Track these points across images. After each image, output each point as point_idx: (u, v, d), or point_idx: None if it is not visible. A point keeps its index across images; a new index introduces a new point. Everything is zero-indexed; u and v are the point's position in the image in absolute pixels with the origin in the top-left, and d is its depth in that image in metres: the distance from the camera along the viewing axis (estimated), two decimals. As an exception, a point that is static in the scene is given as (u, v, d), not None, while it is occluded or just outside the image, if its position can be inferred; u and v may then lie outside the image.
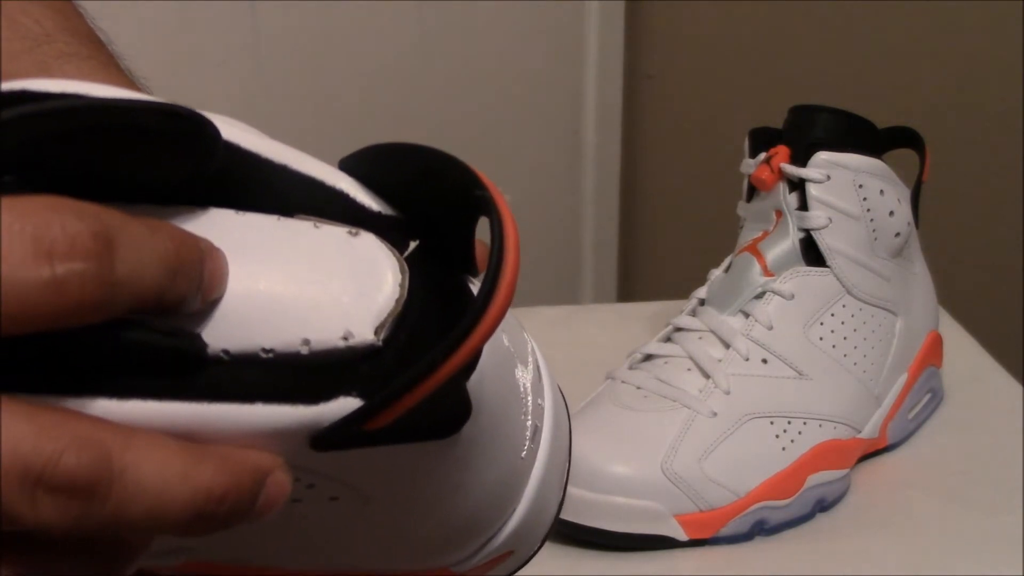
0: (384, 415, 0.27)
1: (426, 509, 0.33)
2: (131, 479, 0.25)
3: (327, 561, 0.34)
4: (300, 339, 0.28)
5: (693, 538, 0.62)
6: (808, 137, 0.69)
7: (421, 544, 0.34)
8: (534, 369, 0.37)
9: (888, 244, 0.70)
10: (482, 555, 0.36)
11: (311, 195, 0.31)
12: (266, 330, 0.28)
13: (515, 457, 0.35)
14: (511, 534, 0.36)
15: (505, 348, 0.34)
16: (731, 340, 0.66)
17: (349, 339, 0.28)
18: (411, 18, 1.34)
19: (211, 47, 1.28)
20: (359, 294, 0.29)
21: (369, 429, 0.28)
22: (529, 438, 0.35)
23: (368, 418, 0.27)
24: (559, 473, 0.39)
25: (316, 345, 0.28)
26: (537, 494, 0.37)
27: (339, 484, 0.30)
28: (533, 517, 0.37)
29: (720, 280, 0.69)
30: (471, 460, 0.33)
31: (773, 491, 0.64)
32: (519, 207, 1.18)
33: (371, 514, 0.32)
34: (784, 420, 0.65)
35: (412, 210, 0.32)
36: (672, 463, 0.62)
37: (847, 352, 0.68)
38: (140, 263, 0.25)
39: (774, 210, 0.69)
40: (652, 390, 0.65)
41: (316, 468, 0.29)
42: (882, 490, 0.68)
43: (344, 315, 0.28)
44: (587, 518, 0.62)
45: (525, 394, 0.35)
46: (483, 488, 0.34)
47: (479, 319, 0.28)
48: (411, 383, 0.27)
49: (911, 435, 0.73)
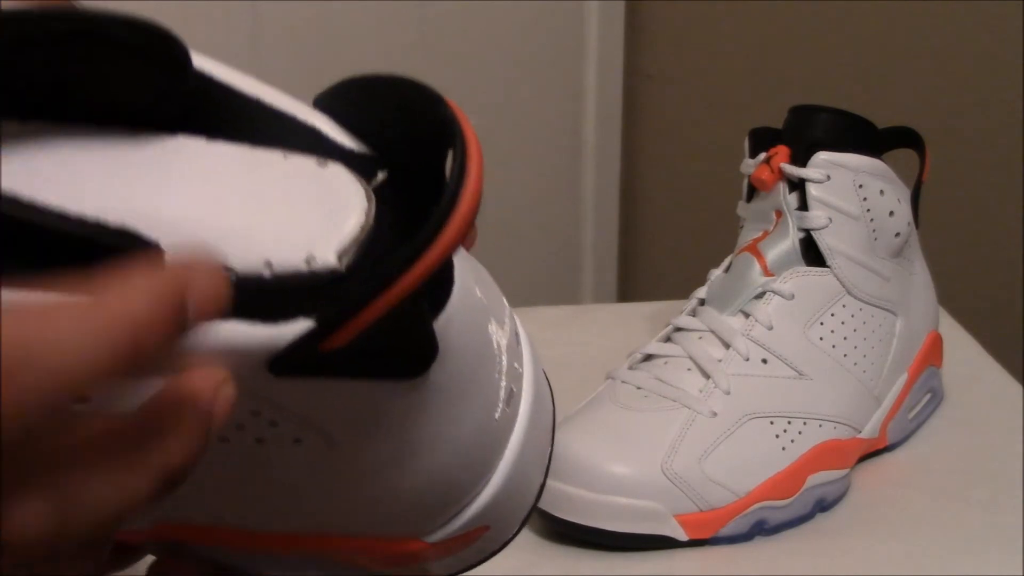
0: (340, 333, 0.27)
1: (393, 460, 0.32)
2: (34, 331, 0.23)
3: (296, 522, 0.33)
4: (263, 261, 0.27)
5: (693, 538, 0.62)
6: (808, 137, 0.69)
7: (390, 503, 0.33)
8: (512, 333, 0.36)
9: (888, 244, 0.70)
10: (455, 526, 0.35)
11: (282, 129, 0.31)
12: (229, 252, 0.27)
13: (488, 416, 0.34)
14: (486, 506, 0.35)
15: (478, 299, 0.33)
16: (731, 340, 0.66)
17: (311, 263, 0.28)
18: (411, 18, 1.34)
19: (211, 47, 1.28)
20: (325, 220, 0.29)
21: (326, 350, 0.27)
22: (504, 400, 0.35)
23: (324, 336, 0.27)
24: (539, 452, 0.38)
25: (278, 268, 0.28)
26: (514, 468, 0.36)
27: (301, 423, 0.30)
28: (510, 492, 0.36)
29: (720, 280, 0.69)
30: (440, 410, 0.32)
31: (773, 491, 0.64)
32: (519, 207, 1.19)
33: (336, 462, 0.31)
34: (784, 420, 0.65)
35: (385, 146, 0.32)
36: (672, 463, 0.62)
37: (847, 352, 0.68)
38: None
39: (774, 210, 0.69)
40: (652, 390, 0.65)
41: (278, 399, 0.29)
42: (882, 490, 0.68)
43: (308, 239, 0.28)
44: (587, 518, 0.62)
45: (499, 352, 0.34)
46: (454, 445, 0.33)
47: (439, 231, 0.27)
48: (367, 298, 0.27)
49: (911, 435, 0.73)
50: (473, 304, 0.33)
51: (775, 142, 0.70)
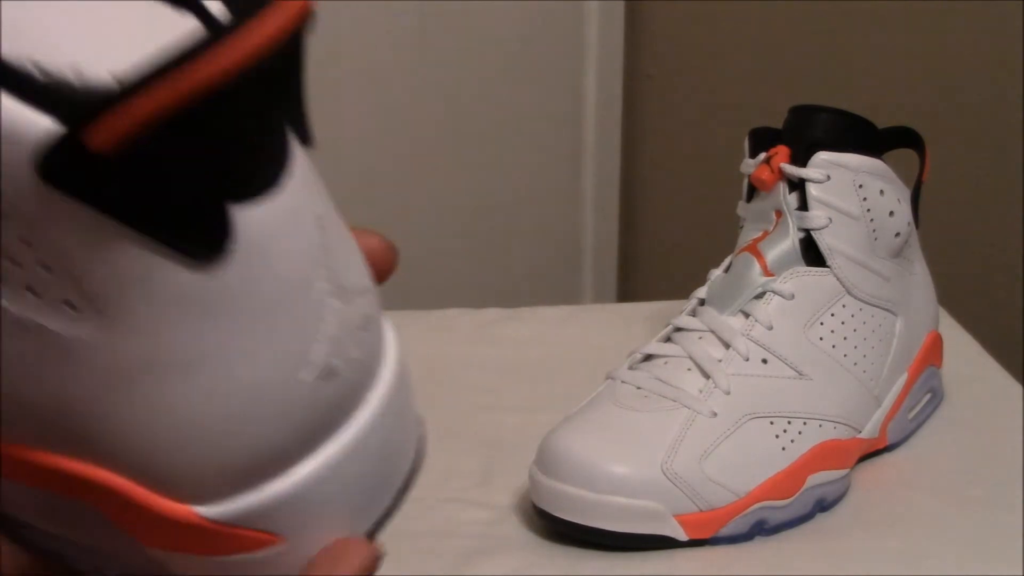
0: (100, 129, 0.25)
1: (168, 366, 0.29)
2: None
3: (51, 431, 0.30)
4: (30, 59, 0.26)
5: (693, 538, 0.62)
6: (808, 137, 0.69)
7: (156, 425, 0.29)
8: (360, 316, 0.32)
9: (888, 244, 0.70)
10: (236, 507, 0.31)
11: None
12: (5, 37, 0.26)
13: (288, 371, 0.30)
14: (279, 504, 0.31)
15: (312, 233, 0.30)
16: (731, 340, 0.66)
17: (81, 74, 0.26)
18: (411, 18, 1.34)
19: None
20: (133, 40, 0.27)
21: (91, 150, 0.25)
22: (318, 370, 0.30)
23: (83, 127, 0.25)
24: (376, 487, 0.33)
25: (46, 68, 0.26)
26: (330, 481, 0.31)
27: (73, 279, 0.27)
28: (319, 510, 0.31)
29: (720, 280, 0.69)
30: (226, 323, 0.29)
31: (773, 491, 0.64)
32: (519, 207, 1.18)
33: (110, 349, 0.28)
34: (784, 420, 0.65)
35: None
36: (672, 463, 0.62)
37: (847, 352, 0.68)
38: None
39: (774, 210, 0.69)
40: (652, 390, 0.65)
41: (48, 227, 0.27)
42: (882, 490, 0.69)
43: (98, 53, 0.26)
44: (587, 518, 0.62)
45: (320, 309, 0.30)
46: (237, 383, 0.29)
47: (239, 28, 0.25)
48: (136, 87, 0.25)
49: (911, 435, 0.74)
50: (304, 231, 0.29)
51: (775, 142, 0.70)
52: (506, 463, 0.70)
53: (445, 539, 0.64)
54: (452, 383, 0.80)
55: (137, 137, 0.25)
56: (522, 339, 0.88)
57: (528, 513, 0.65)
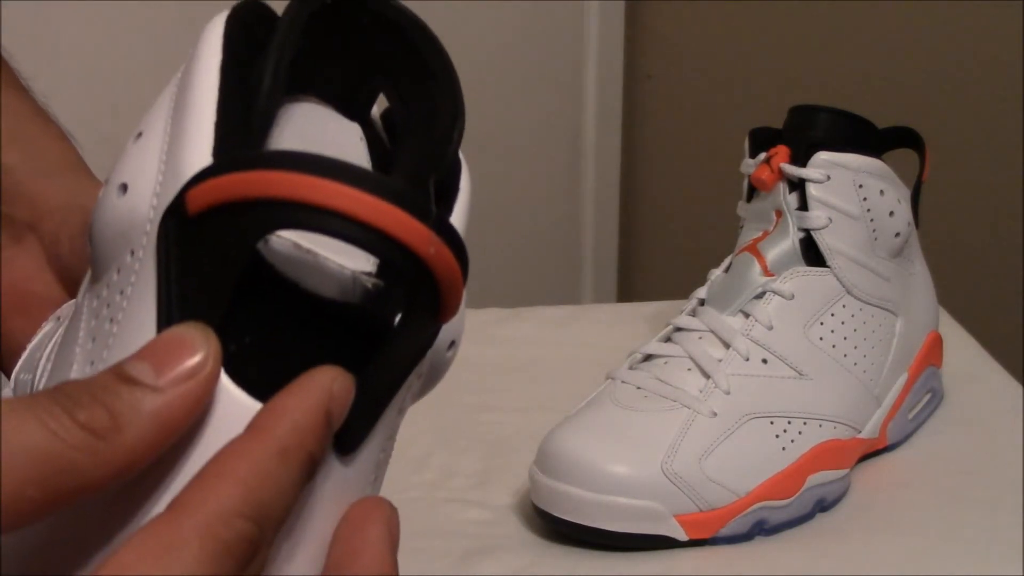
0: (203, 187, 0.28)
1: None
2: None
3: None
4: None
5: (693, 538, 0.62)
6: (808, 137, 0.69)
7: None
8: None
9: (888, 244, 0.70)
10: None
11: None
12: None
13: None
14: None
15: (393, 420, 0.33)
16: (731, 340, 0.66)
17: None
18: (411, 18, 1.34)
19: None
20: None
21: (190, 212, 0.28)
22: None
23: (196, 183, 0.28)
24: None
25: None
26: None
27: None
28: None
29: (720, 280, 0.69)
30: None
31: (773, 491, 0.64)
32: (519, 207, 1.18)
33: None
34: (784, 420, 0.65)
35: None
36: (672, 463, 0.62)
37: (847, 352, 0.68)
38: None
39: (774, 210, 0.69)
40: (652, 390, 0.65)
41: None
42: (882, 490, 0.68)
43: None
44: (587, 518, 0.62)
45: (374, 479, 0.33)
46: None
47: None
48: (225, 167, 0.28)
49: (911, 435, 0.73)
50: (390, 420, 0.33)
51: (775, 142, 0.70)
52: (506, 463, 0.70)
53: (445, 539, 0.64)
54: (452, 383, 0.80)
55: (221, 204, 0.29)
56: (522, 339, 0.88)
57: (528, 513, 0.65)
